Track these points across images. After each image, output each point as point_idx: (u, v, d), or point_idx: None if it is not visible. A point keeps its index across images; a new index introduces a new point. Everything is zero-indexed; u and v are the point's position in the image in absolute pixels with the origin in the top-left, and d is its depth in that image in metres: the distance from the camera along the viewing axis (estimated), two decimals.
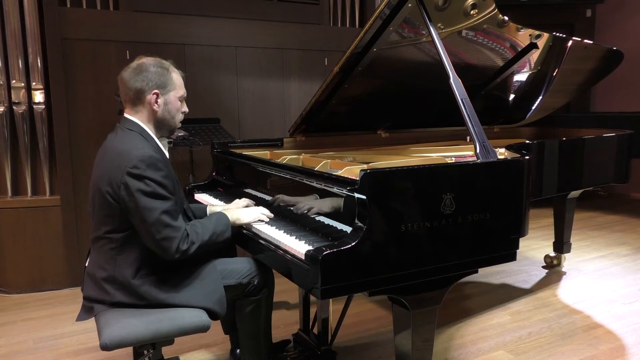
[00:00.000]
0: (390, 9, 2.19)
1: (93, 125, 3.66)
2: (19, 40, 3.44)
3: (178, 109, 1.95)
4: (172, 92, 1.91)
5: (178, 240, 1.76)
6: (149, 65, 1.87)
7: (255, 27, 4.19)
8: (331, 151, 2.85)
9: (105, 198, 1.79)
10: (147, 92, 1.86)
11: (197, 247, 1.82)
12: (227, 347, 2.63)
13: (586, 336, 2.80)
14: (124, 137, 1.85)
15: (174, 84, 1.91)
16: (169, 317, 1.80)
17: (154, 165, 1.75)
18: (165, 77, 1.88)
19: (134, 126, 1.88)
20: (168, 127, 1.95)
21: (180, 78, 1.96)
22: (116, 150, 1.81)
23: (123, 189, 1.74)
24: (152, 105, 1.88)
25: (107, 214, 1.81)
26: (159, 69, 1.88)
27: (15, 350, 2.78)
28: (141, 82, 1.85)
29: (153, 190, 1.74)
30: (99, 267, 1.86)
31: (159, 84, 1.87)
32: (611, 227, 5.12)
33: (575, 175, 3.26)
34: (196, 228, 1.85)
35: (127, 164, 1.74)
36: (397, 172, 1.69)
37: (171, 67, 1.93)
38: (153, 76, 1.86)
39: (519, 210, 1.93)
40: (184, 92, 1.96)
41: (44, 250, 3.62)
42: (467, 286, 3.55)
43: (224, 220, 1.96)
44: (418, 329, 1.83)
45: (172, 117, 1.94)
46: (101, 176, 1.81)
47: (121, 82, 1.88)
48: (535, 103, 3.68)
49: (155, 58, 1.92)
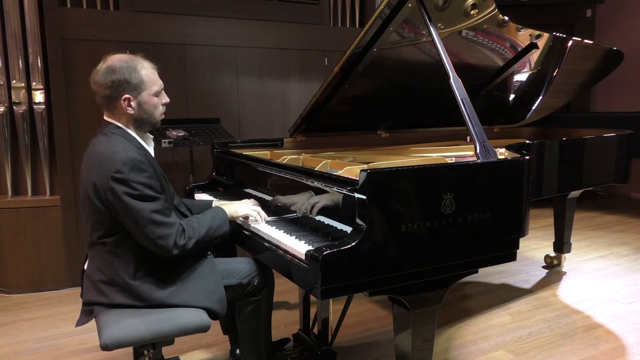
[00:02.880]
0: (391, 9, 2.20)
1: (93, 125, 3.59)
2: (19, 40, 3.44)
3: (155, 104, 1.88)
4: (144, 91, 1.83)
5: (174, 237, 1.76)
6: (116, 68, 1.78)
7: (255, 27, 4.19)
8: (331, 151, 2.85)
9: (94, 204, 1.78)
10: (118, 98, 1.80)
11: (194, 241, 1.81)
12: (227, 347, 2.63)
13: (586, 336, 2.81)
14: (106, 141, 1.83)
15: (145, 83, 1.82)
16: (169, 317, 1.80)
17: (137, 168, 1.73)
18: (134, 77, 1.79)
19: (114, 129, 1.86)
20: (149, 124, 1.90)
21: (151, 72, 1.86)
22: (99, 155, 1.79)
23: (110, 194, 1.73)
24: (126, 109, 1.83)
25: (97, 219, 1.81)
26: (126, 70, 1.78)
27: (15, 350, 2.78)
28: (109, 88, 1.78)
29: (140, 192, 1.72)
30: (97, 271, 1.86)
31: (128, 88, 1.79)
32: (611, 227, 5.12)
33: (575, 175, 3.26)
34: (192, 223, 1.85)
35: (110, 168, 1.72)
36: (397, 172, 1.69)
37: (139, 64, 1.83)
38: (121, 78, 1.77)
39: (519, 210, 1.93)
40: (158, 85, 1.88)
41: (44, 250, 3.62)
42: (467, 286, 3.55)
43: (221, 215, 1.97)
44: (418, 329, 1.83)
45: (150, 114, 1.87)
46: (87, 183, 1.80)
47: (93, 87, 1.83)
48: (535, 103, 3.68)
49: (122, 56, 1.82)
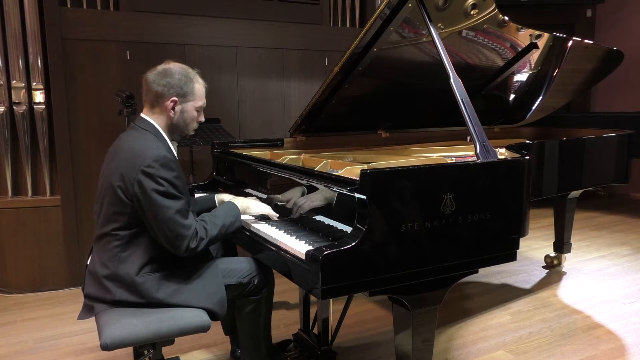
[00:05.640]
0: (391, 9, 2.20)
1: (93, 125, 3.66)
2: (19, 40, 3.45)
3: (194, 118, 1.98)
4: (190, 102, 1.94)
5: (188, 239, 1.79)
6: (174, 72, 1.89)
7: (255, 27, 4.19)
8: (331, 151, 2.85)
9: (116, 194, 1.81)
10: (166, 98, 1.89)
11: (206, 242, 1.84)
12: (227, 348, 2.63)
13: (586, 336, 2.81)
14: (139, 137, 1.88)
15: (195, 95, 1.94)
16: (169, 317, 1.80)
17: (167, 166, 1.78)
18: (187, 86, 1.91)
19: (148, 126, 1.91)
20: (180, 133, 1.99)
21: (202, 89, 1.98)
22: (130, 149, 1.83)
23: (137, 186, 1.76)
24: (169, 111, 1.91)
25: (117, 210, 1.83)
26: (183, 77, 1.91)
27: (15, 350, 2.78)
28: (163, 86, 1.88)
29: (166, 189, 1.77)
30: (101, 265, 1.87)
31: (179, 92, 1.90)
32: (611, 227, 5.12)
33: (575, 175, 3.26)
34: (205, 224, 1.87)
35: (141, 162, 1.76)
36: (397, 172, 1.69)
37: (196, 77, 1.95)
38: (176, 83, 1.89)
39: (519, 210, 1.93)
40: (203, 102, 1.99)
41: (44, 250, 3.62)
42: (467, 286, 3.55)
43: (234, 211, 1.99)
44: (418, 329, 1.83)
45: (186, 125, 1.97)
46: (114, 173, 1.83)
47: (144, 83, 1.91)
48: (535, 103, 3.69)
49: (182, 65, 1.94)
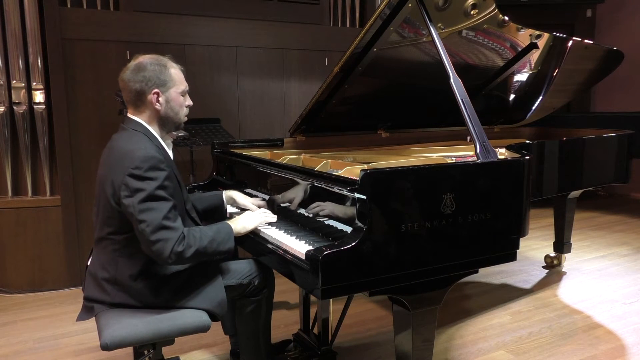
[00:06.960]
0: (391, 9, 2.19)
1: (93, 125, 3.66)
2: (19, 40, 3.45)
3: (181, 104, 1.93)
4: (172, 88, 1.89)
5: (173, 242, 1.69)
6: (146, 65, 1.85)
7: (255, 27, 4.19)
8: (331, 151, 2.85)
9: (107, 200, 1.79)
10: (148, 93, 1.85)
11: (194, 251, 1.74)
12: (227, 348, 2.63)
13: (586, 336, 2.80)
14: (128, 137, 1.85)
15: (174, 80, 1.89)
16: (169, 317, 1.80)
17: (155, 167, 1.74)
18: (164, 74, 1.86)
19: (137, 126, 1.88)
20: (173, 123, 1.95)
21: (179, 72, 1.94)
22: (120, 150, 1.81)
23: (123, 189, 1.73)
24: (154, 105, 1.87)
25: (109, 215, 1.82)
26: (157, 66, 1.86)
27: (15, 350, 2.78)
28: (140, 82, 1.83)
29: (152, 191, 1.71)
30: (101, 268, 1.86)
31: (158, 83, 1.85)
32: (611, 227, 5.12)
33: (575, 175, 3.26)
34: (194, 232, 1.79)
35: (129, 164, 1.73)
36: (397, 172, 1.69)
37: (169, 63, 1.90)
38: (152, 75, 1.84)
39: (519, 210, 1.93)
40: (185, 86, 1.94)
41: (44, 250, 3.62)
42: (467, 286, 3.55)
43: (226, 230, 1.89)
44: (418, 329, 1.82)
45: (175, 113, 1.92)
46: (105, 177, 1.82)
47: (121, 83, 1.88)
48: (535, 103, 3.68)
49: (152, 55, 1.89)
